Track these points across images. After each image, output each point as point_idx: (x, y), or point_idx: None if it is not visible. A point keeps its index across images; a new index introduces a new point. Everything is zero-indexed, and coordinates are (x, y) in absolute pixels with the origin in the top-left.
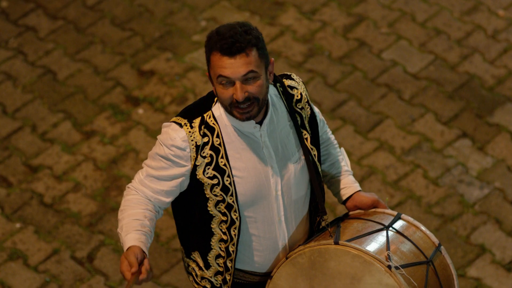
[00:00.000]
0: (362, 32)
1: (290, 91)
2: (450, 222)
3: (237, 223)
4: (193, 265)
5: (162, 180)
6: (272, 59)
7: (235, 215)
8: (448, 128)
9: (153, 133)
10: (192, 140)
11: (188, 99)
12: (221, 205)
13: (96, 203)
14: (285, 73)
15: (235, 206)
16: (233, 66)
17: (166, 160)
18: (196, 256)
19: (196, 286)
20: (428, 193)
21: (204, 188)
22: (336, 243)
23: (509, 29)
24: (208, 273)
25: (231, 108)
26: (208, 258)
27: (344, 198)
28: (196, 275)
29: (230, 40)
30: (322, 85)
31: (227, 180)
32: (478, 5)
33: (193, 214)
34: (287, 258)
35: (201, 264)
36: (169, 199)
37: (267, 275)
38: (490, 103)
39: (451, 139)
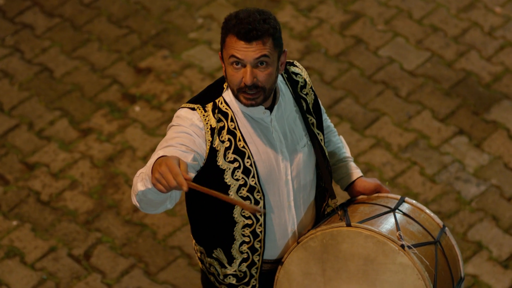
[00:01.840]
0: (358, 29)
1: (295, 78)
2: (447, 219)
3: (261, 202)
4: (215, 263)
5: (184, 151)
6: (286, 49)
7: (258, 195)
8: (445, 125)
9: (150, 130)
10: (207, 123)
11: (185, 96)
12: (243, 189)
13: (93, 201)
14: (288, 60)
15: (258, 187)
16: (248, 50)
17: (185, 133)
18: (219, 253)
19: (218, 285)
20: (425, 190)
21: (225, 175)
22: (348, 225)
23: (506, 26)
24: (232, 269)
25: (238, 92)
26: (232, 250)
27: (346, 184)
28: (218, 274)
29: (248, 26)
30: (318, 82)
31: (247, 162)
32: (474, 2)
33: (212, 208)
34: (298, 243)
35: (224, 261)
36: (190, 174)
37: (277, 262)
38: (487, 100)
39: (447, 136)
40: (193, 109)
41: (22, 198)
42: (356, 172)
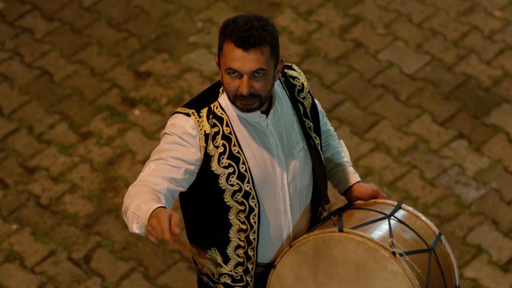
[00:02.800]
0: (358, 33)
1: (292, 81)
2: (447, 223)
3: (256, 209)
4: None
5: (174, 166)
6: (283, 58)
7: (253, 201)
8: (445, 129)
9: (150, 134)
10: (201, 129)
11: (185, 100)
12: (238, 194)
13: (93, 205)
14: (286, 64)
15: (253, 192)
16: (244, 59)
17: (177, 145)
18: (213, 253)
19: (212, 285)
20: (425, 193)
21: (219, 180)
22: (341, 230)
23: (505, 29)
24: (228, 268)
25: (234, 98)
26: (227, 251)
27: (344, 189)
28: (213, 274)
29: (245, 34)
30: (318, 86)
31: (242, 167)
32: (474, 6)
33: (208, 210)
34: (290, 247)
35: (220, 260)
36: (180, 189)
37: (270, 265)
38: (487, 104)
39: (447, 139)
40: (187, 114)
41: (22, 202)
42: (354, 177)
